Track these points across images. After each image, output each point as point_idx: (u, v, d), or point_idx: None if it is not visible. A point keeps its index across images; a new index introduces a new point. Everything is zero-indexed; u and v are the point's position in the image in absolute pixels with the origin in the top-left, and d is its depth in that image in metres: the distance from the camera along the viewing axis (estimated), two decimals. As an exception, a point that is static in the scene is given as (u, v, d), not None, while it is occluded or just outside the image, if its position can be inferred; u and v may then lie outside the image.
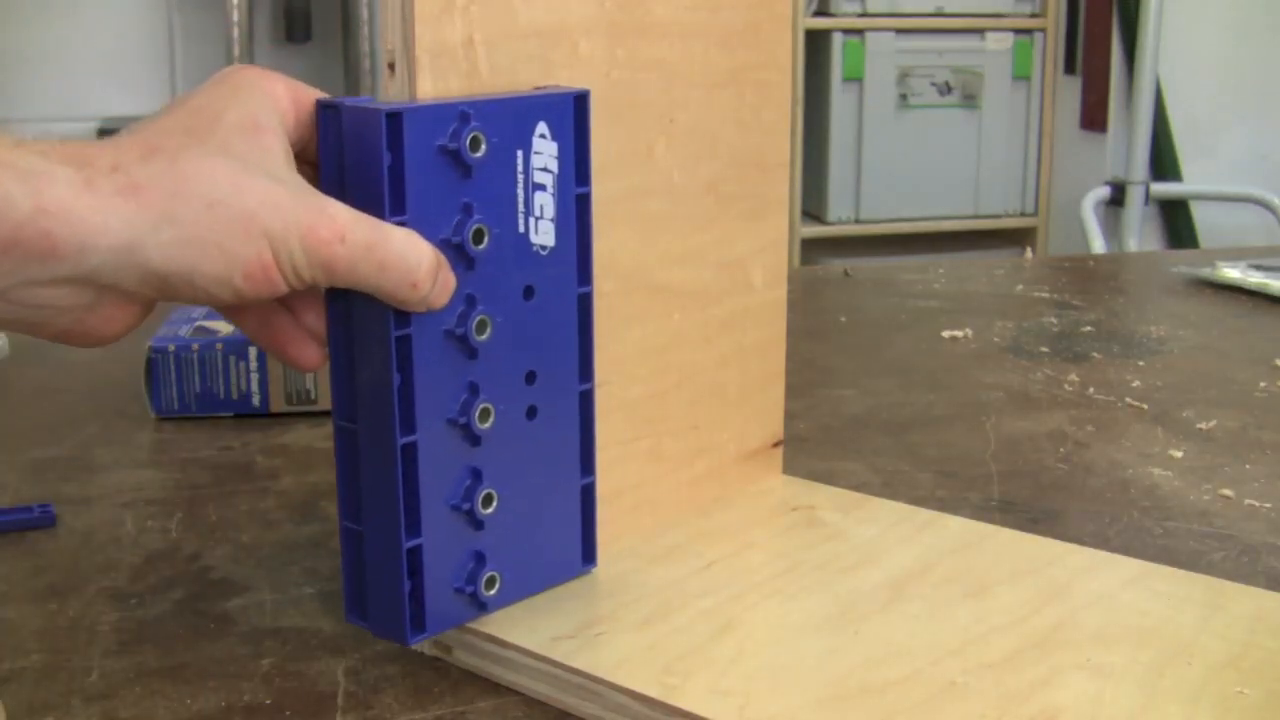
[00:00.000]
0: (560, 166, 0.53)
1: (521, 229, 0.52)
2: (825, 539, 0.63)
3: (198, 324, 0.88)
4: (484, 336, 0.51)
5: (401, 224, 0.48)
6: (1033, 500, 0.73)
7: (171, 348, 0.84)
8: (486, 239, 0.51)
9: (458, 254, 0.50)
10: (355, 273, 0.47)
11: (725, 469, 0.68)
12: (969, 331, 1.08)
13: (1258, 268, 1.25)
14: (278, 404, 0.85)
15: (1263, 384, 0.94)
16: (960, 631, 0.54)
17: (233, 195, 0.45)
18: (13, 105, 2.78)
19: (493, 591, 0.54)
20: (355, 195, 0.48)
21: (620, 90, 0.58)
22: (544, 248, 0.53)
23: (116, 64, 2.85)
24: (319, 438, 0.82)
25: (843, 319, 1.15)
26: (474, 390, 0.52)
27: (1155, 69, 2.72)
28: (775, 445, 0.71)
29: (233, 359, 0.85)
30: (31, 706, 0.51)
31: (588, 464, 0.57)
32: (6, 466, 0.77)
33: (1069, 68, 3.10)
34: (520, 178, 0.52)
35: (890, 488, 0.74)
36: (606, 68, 0.57)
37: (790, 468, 0.72)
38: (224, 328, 0.87)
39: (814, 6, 3.00)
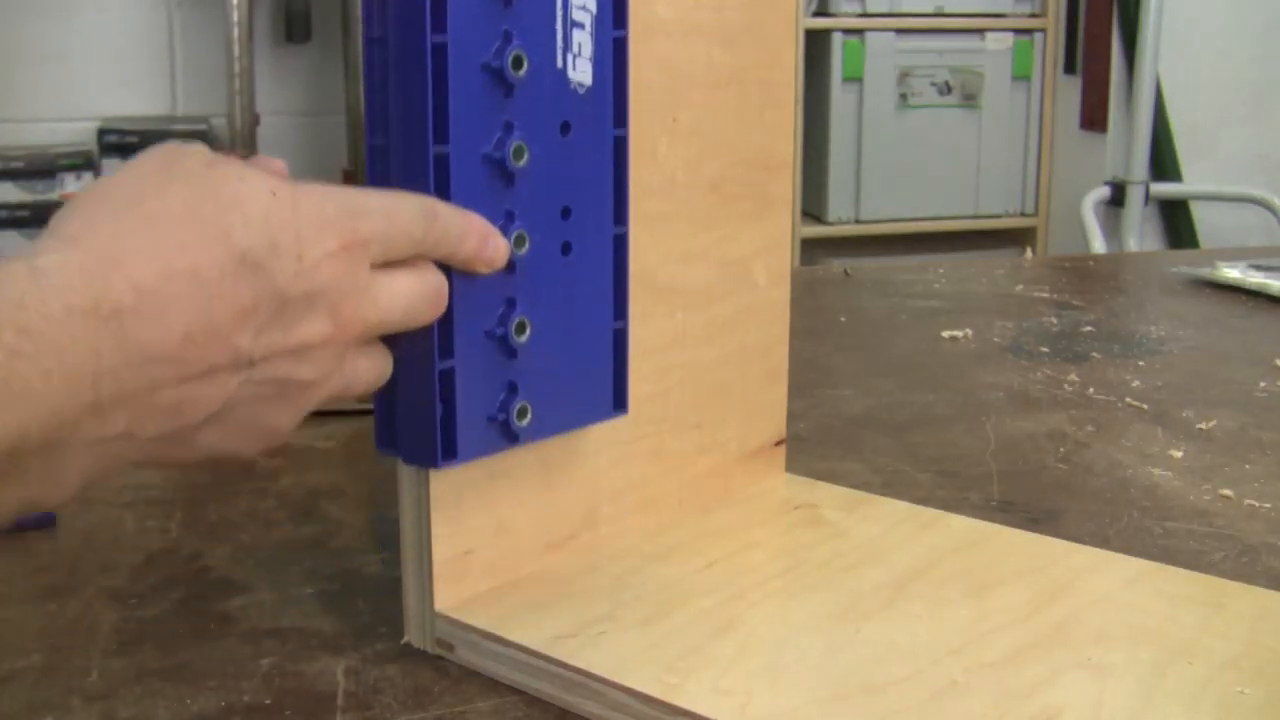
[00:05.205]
0: (598, 8, 0.54)
1: (560, 64, 0.53)
2: (827, 538, 0.63)
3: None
4: (521, 162, 0.52)
5: (442, 44, 0.48)
6: (1033, 500, 0.73)
7: (172, 347, 0.84)
8: (525, 66, 0.51)
9: (497, 79, 0.51)
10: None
11: (728, 468, 0.68)
12: (969, 331, 1.08)
13: (1258, 268, 1.25)
14: (278, 403, 0.85)
15: (1263, 384, 0.94)
16: (961, 631, 0.54)
17: None
18: (13, 105, 2.78)
19: (525, 422, 0.54)
20: (398, 18, 0.49)
21: (621, 89, 0.58)
22: (581, 85, 0.54)
23: (116, 64, 2.85)
24: (319, 437, 0.82)
25: (843, 319, 1.14)
26: (510, 217, 0.52)
27: (1155, 69, 2.72)
28: (778, 444, 0.71)
29: (233, 358, 0.84)
30: (31, 706, 0.51)
31: (621, 308, 0.57)
32: (7, 466, 0.77)
33: (1069, 68, 3.10)
34: (559, 12, 0.52)
35: (890, 488, 0.74)
36: (608, 66, 0.57)
37: (790, 468, 0.72)
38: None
39: (814, 6, 2.99)
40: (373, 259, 0.47)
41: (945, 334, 1.08)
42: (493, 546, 0.56)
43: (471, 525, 0.55)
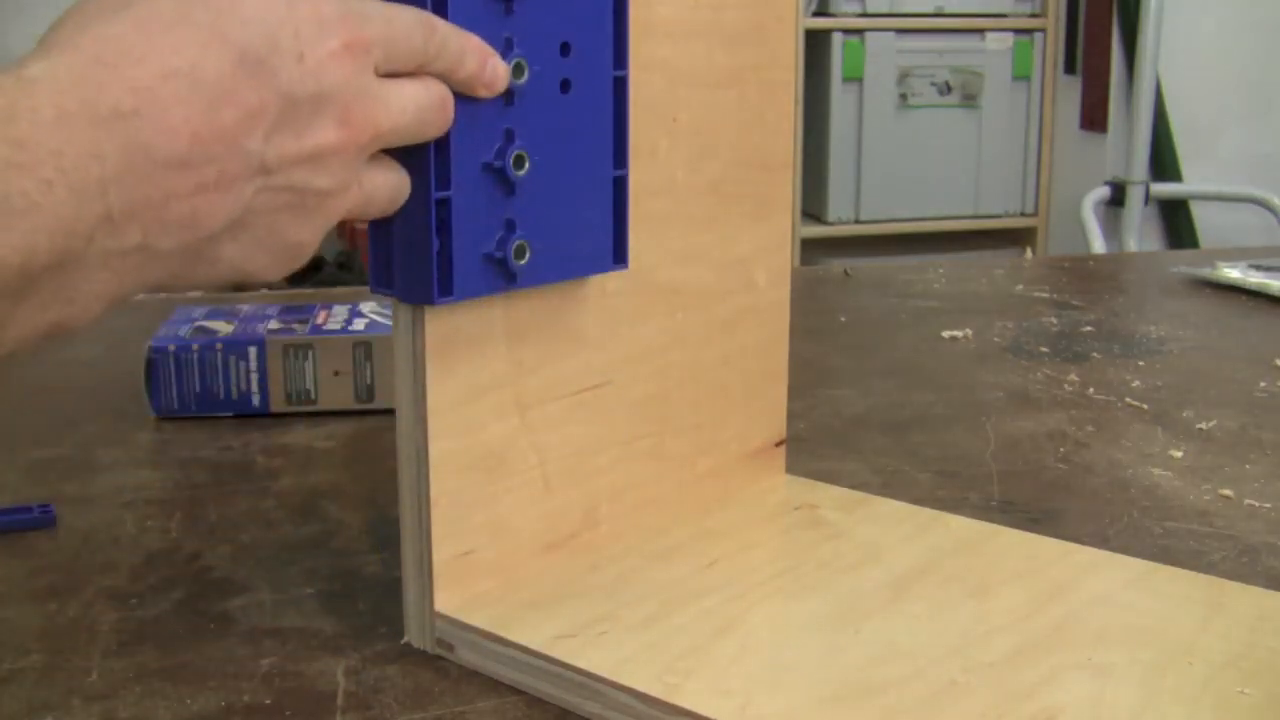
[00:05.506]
0: None
1: None
2: (827, 538, 0.63)
3: (197, 324, 0.88)
4: None
5: None
6: (1033, 500, 0.73)
7: (171, 348, 0.84)
8: None
9: None
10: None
11: (728, 468, 0.68)
12: (969, 331, 1.08)
13: (1258, 268, 1.25)
14: (278, 404, 0.85)
15: (1263, 384, 0.94)
16: (961, 631, 0.54)
17: None
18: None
19: (523, 261, 0.53)
20: None
21: (621, 89, 0.58)
22: None
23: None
24: (319, 437, 0.82)
25: (843, 319, 1.14)
26: (509, 44, 0.51)
27: (1155, 69, 2.72)
28: (778, 444, 0.71)
29: (233, 359, 0.85)
30: (31, 706, 0.51)
31: (621, 156, 0.56)
32: (6, 466, 0.77)
33: (1069, 68, 3.10)
34: None
35: (890, 488, 0.74)
36: (608, 66, 0.57)
37: (790, 468, 0.72)
38: (224, 328, 0.87)
39: (814, 6, 3.00)
40: (375, 65, 0.46)
41: (945, 334, 1.08)
42: (493, 546, 0.56)
43: (471, 525, 0.55)
